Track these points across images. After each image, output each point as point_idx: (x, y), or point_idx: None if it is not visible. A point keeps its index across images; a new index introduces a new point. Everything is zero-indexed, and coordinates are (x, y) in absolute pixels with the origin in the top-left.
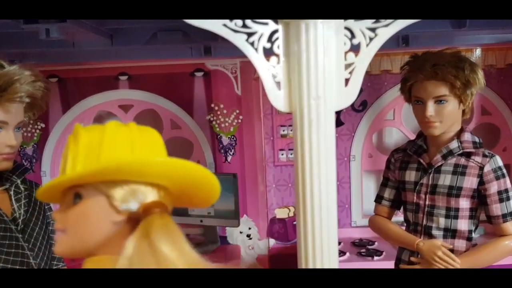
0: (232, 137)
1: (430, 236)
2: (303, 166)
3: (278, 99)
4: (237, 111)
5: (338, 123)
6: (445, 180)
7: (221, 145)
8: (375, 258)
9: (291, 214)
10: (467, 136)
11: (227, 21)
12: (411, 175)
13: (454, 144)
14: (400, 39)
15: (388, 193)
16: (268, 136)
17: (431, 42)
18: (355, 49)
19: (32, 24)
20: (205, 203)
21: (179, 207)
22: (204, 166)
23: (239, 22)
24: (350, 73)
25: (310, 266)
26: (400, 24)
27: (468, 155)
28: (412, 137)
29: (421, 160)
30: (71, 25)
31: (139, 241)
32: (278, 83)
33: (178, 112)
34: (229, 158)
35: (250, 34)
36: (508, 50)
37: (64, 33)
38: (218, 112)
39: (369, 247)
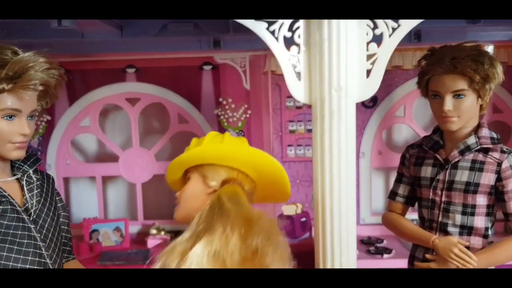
0: (240, 132)
1: (446, 233)
2: (322, 159)
3: (298, 89)
4: (246, 106)
5: None
6: (462, 176)
7: None
8: (385, 256)
9: (299, 211)
10: (484, 132)
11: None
12: (427, 171)
13: (471, 140)
14: (412, 35)
15: (402, 189)
16: (276, 131)
17: (443, 38)
18: (378, 39)
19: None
20: (281, 197)
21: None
22: None
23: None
24: (372, 64)
25: (328, 265)
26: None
27: (485, 151)
28: (423, 134)
29: (438, 156)
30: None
31: (213, 197)
32: (298, 73)
33: (186, 106)
34: None
35: (270, 23)
36: None
37: (75, 22)
38: (226, 107)
39: (378, 245)
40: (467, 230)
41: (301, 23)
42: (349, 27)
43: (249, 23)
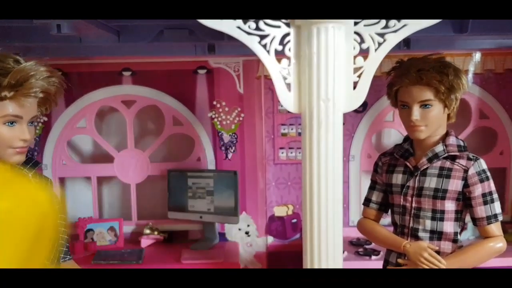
0: (233, 134)
1: (417, 238)
2: (311, 165)
3: (288, 100)
4: (239, 109)
5: None
6: (431, 182)
7: (222, 142)
8: (373, 257)
9: (290, 212)
10: (452, 140)
11: (241, 24)
12: (398, 178)
13: (439, 148)
14: (402, 42)
15: (376, 196)
16: (268, 134)
17: (432, 45)
18: (364, 53)
19: (44, 20)
20: None
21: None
22: (205, 162)
23: (253, 24)
24: (359, 76)
25: (315, 265)
26: (408, 30)
27: (453, 158)
28: None
29: (408, 163)
30: (82, 21)
31: None
32: (288, 85)
33: (180, 109)
34: (229, 155)
35: (262, 37)
36: (507, 56)
37: (75, 29)
38: (220, 110)
39: (367, 246)
40: (437, 235)
41: (291, 37)
42: (337, 41)
43: (242, 37)
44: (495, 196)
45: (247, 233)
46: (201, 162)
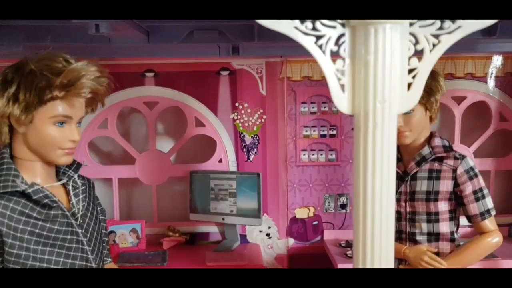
0: (255, 136)
1: (415, 242)
2: (365, 167)
3: (342, 101)
4: (261, 111)
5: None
6: (422, 186)
7: (244, 144)
8: None
9: (311, 214)
10: (437, 141)
11: (298, 24)
12: None
13: (426, 151)
14: None
15: None
16: (290, 136)
17: (455, 48)
18: (418, 54)
19: (82, 19)
20: None
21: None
22: (227, 164)
23: (309, 25)
24: (413, 77)
25: (368, 266)
26: (463, 31)
27: (440, 159)
28: None
29: (397, 169)
30: (120, 21)
31: None
32: (342, 86)
33: (203, 110)
34: (251, 157)
35: (318, 37)
36: None
37: (113, 28)
38: (242, 111)
39: None
40: (434, 236)
41: (346, 37)
42: (392, 42)
43: (299, 37)
44: (486, 191)
45: (268, 235)
46: (222, 164)
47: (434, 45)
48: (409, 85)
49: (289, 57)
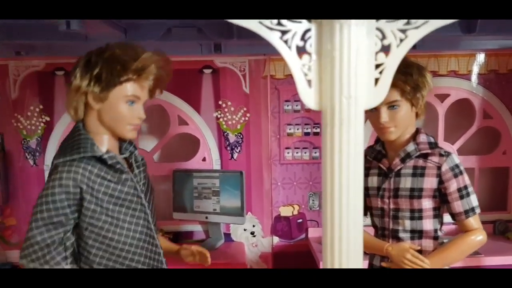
0: (239, 134)
1: (398, 239)
2: (332, 163)
3: (309, 96)
4: (245, 109)
5: None
6: (406, 182)
7: (227, 142)
8: None
9: (295, 212)
10: (422, 138)
11: (262, 19)
12: (373, 181)
13: (411, 147)
14: None
15: None
16: (274, 134)
17: (437, 46)
18: (385, 49)
19: (49, 19)
20: None
21: (184, 204)
22: (210, 162)
23: (274, 20)
24: (380, 73)
25: (336, 265)
26: (431, 26)
27: (425, 156)
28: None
29: (381, 165)
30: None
31: None
32: (309, 81)
33: (186, 109)
34: (235, 156)
35: (284, 32)
36: (510, 56)
37: (86, 26)
38: (226, 110)
39: None
40: (417, 234)
41: (313, 32)
42: (359, 38)
43: (263, 32)
44: (471, 189)
45: (252, 233)
46: (206, 162)
47: (401, 40)
48: (377, 80)
49: (272, 55)
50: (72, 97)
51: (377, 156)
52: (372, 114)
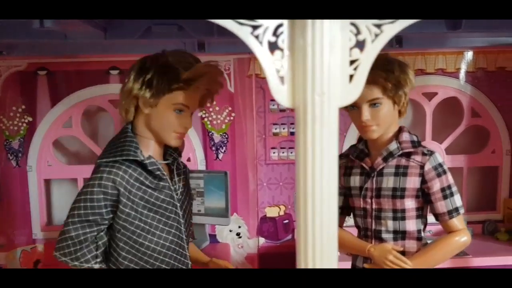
0: (224, 134)
1: (381, 240)
2: (305, 162)
3: (281, 94)
4: (230, 109)
5: None
6: (388, 182)
7: (212, 142)
8: None
9: (281, 213)
10: (405, 136)
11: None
12: (355, 180)
13: (393, 146)
14: (394, 41)
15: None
16: (260, 134)
17: (424, 43)
18: (360, 45)
19: (22, 19)
20: None
21: None
22: (195, 163)
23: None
24: (355, 69)
25: (310, 266)
26: (406, 21)
27: (408, 155)
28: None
29: (364, 165)
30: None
31: None
32: (281, 78)
33: None
34: (220, 156)
35: (255, 27)
36: (499, 53)
37: (58, 23)
38: (210, 109)
39: None
40: (400, 234)
41: (285, 28)
42: (332, 33)
43: (233, 27)
44: (454, 189)
45: (238, 234)
46: (191, 163)
47: (376, 35)
48: (351, 77)
49: None
50: (124, 99)
51: (360, 155)
52: (354, 112)
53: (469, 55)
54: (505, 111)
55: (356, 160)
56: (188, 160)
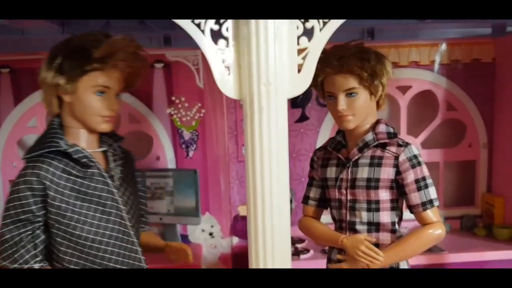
0: (194, 131)
1: (355, 231)
2: (253, 157)
3: (227, 84)
4: (199, 105)
5: (303, 118)
6: (363, 173)
7: (182, 140)
8: (302, 256)
9: None
10: (381, 128)
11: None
12: (331, 172)
13: (369, 136)
14: (366, 32)
15: (313, 193)
16: (231, 130)
17: (396, 35)
18: (309, 33)
19: None
20: None
21: None
22: (165, 161)
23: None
24: (303, 58)
25: (261, 266)
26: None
27: (383, 146)
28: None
29: (340, 155)
30: None
31: None
32: (227, 68)
33: (137, 105)
34: (190, 154)
35: None
36: (473, 45)
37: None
38: (179, 106)
39: (298, 245)
40: (374, 226)
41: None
42: (278, 21)
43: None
44: (429, 181)
45: (211, 234)
46: (160, 161)
47: (324, 23)
48: (300, 67)
49: None
50: (44, 91)
51: (337, 146)
52: (330, 102)
53: (443, 46)
54: (481, 104)
55: (333, 151)
56: (158, 158)
